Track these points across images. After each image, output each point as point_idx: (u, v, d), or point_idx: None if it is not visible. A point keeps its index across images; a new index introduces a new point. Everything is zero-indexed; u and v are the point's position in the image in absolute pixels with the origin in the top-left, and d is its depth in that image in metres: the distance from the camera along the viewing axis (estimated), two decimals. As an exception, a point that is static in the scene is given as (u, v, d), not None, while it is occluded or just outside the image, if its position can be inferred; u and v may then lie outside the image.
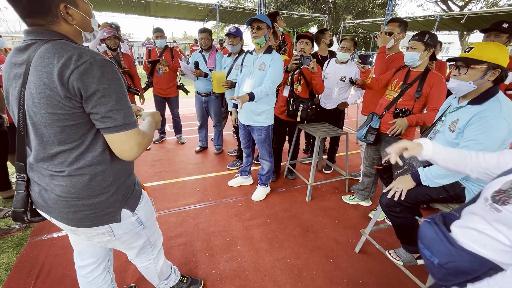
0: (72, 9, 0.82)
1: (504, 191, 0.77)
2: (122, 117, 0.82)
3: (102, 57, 0.80)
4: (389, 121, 2.11)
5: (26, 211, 0.95)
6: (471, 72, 1.32)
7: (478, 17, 11.03)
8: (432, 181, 1.43)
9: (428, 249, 0.91)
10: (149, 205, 1.16)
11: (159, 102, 3.82)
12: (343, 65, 2.89)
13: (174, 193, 2.73)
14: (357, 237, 2.16)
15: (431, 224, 0.95)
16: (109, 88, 0.79)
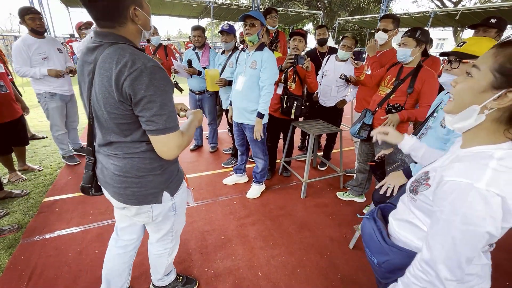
0: (139, 10, 0.92)
1: (417, 181, 0.78)
2: (164, 122, 0.91)
3: (153, 63, 0.87)
4: (381, 117, 2.12)
5: (91, 187, 1.16)
6: (463, 67, 1.32)
7: (472, 13, 11.09)
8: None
9: (368, 248, 0.88)
10: (185, 194, 1.26)
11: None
12: (343, 63, 2.86)
13: (168, 192, 2.71)
14: (351, 233, 2.17)
15: (370, 220, 0.92)
16: (155, 94, 0.87)
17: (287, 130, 2.95)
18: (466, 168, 0.64)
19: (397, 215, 0.88)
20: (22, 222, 2.19)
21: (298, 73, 2.65)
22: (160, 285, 1.57)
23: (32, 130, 4.16)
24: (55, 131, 3.02)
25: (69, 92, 3.03)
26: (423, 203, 0.75)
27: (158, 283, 1.57)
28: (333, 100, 2.98)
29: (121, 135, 0.97)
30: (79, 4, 12.75)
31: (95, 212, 2.35)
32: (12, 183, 2.76)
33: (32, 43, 2.66)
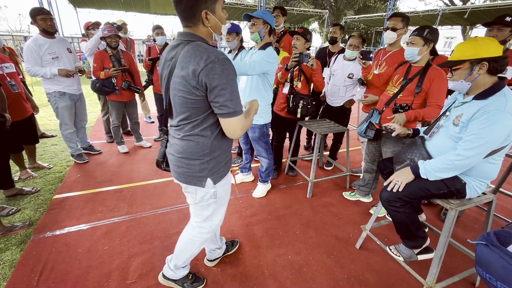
0: (210, 15, 1.07)
1: None
2: (234, 106, 1.06)
3: (223, 56, 1.03)
4: (388, 116, 2.11)
5: (163, 161, 1.36)
6: (457, 72, 1.38)
7: (481, 11, 10.88)
8: (431, 174, 1.43)
9: (504, 282, 0.80)
10: (228, 187, 1.39)
11: (159, 100, 3.82)
12: (351, 62, 2.84)
13: (175, 190, 2.74)
14: (357, 233, 2.16)
15: (493, 249, 0.85)
16: (227, 83, 1.02)
17: (293, 130, 2.95)
18: None
19: None
20: (33, 218, 2.24)
21: (304, 72, 2.64)
22: (171, 277, 1.60)
23: (42, 128, 4.23)
24: (64, 129, 3.07)
25: (78, 91, 3.08)
26: None
27: (169, 274, 1.59)
28: (340, 100, 2.97)
29: (187, 117, 1.13)
30: (87, 4, 12.93)
31: (104, 209, 2.38)
32: (22, 181, 2.82)
33: (43, 43, 2.71)
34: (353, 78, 2.83)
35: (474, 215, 2.51)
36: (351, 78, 2.84)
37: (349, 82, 2.86)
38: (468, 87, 1.38)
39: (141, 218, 2.28)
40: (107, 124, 3.88)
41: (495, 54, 1.30)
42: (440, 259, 1.49)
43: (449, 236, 1.48)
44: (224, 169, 1.30)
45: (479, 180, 1.44)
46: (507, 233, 0.89)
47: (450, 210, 1.45)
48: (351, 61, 2.84)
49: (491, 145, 1.30)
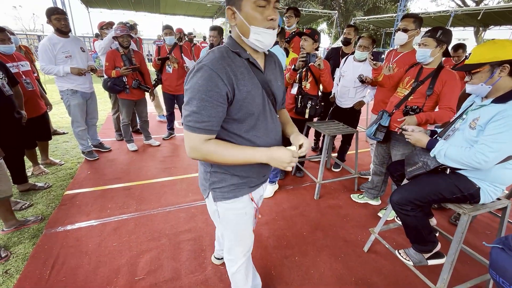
0: (236, 13, 0.90)
1: None
2: (195, 119, 0.89)
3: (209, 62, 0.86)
4: (398, 118, 2.08)
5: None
6: (477, 75, 1.34)
7: (495, 12, 10.61)
8: (442, 157, 1.45)
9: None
10: (237, 217, 1.14)
11: (168, 99, 3.86)
12: (361, 63, 2.81)
13: (183, 189, 2.76)
14: (366, 236, 2.14)
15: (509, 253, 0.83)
16: (195, 91, 0.87)
17: (301, 130, 2.93)
18: None
19: None
20: (45, 213, 2.29)
21: (312, 72, 2.63)
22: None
23: (54, 126, 4.33)
24: (75, 127, 3.13)
25: (89, 89, 3.14)
26: None
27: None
28: (350, 101, 2.94)
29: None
30: (99, 4, 13.16)
31: (113, 206, 2.42)
32: (35, 176, 2.88)
33: (57, 42, 2.77)
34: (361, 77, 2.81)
35: (486, 221, 2.45)
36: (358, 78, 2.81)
37: (359, 84, 2.83)
38: (488, 90, 1.35)
39: (149, 216, 2.31)
40: (117, 122, 3.94)
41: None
42: (451, 265, 1.46)
43: (461, 241, 1.45)
44: (230, 191, 1.08)
45: (494, 186, 1.41)
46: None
47: (463, 215, 1.42)
48: (361, 62, 2.81)
49: (508, 150, 1.27)
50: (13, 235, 2.03)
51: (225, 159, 0.94)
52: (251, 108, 0.95)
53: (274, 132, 1.08)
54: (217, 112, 0.88)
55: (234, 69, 0.89)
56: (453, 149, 1.41)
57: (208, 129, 0.90)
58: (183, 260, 1.86)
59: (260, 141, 1.03)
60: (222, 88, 0.86)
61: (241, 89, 0.90)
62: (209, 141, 0.93)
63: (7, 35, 2.48)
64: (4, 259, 1.79)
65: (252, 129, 1.00)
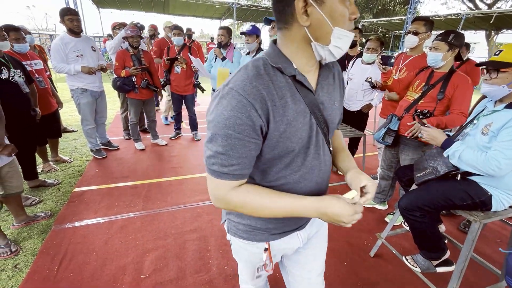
0: (313, 6, 0.60)
1: None
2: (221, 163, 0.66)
3: (231, 86, 0.63)
4: (408, 123, 2.05)
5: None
6: (503, 75, 1.27)
7: (508, 15, 10.43)
8: (455, 158, 1.41)
9: None
10: (251, 256, 0.92)
11: (176, 99, 3.89)
12: (369, 65, 2.80)
13: (189, 188, 2.78)
14: (372, 241, 2.11)
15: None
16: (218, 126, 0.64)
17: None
18: None
19: None
20: (54, 209, 2.33)
21: None
22: None
23: (64, 124, 4.40)
24: (85, 125, 3.19)
25: (99, 88, 3.19)
26: None
27: None
28: (358, 104, 2.92)
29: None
30: (109, 5, 13.37)
31: (120, 204, 2.45)
32: (45, 173, 2.94)
33: (69, 41, 2.83)
34: (371, 81, 2.78)
35: (496, 229, 2.40)
36: (369, 82, 2.79)
37: (367, 86, 2.81)
38: (506, 93, 1.31)
39: (155, 215, 2.33)
40: (125, 121, 3.99)
41: None
42: (461, 273, 1.43)
43: (472, 249, 1.42)
44: (245, 232, 0.86)
45: (507, 193, 1.37)
46: None
47: (474, 222, 1.40)
48: (369, 65, 2.80)
49: None
50: (23, 230, 2.07)
51: (260, 212, 0.71)
52: (290, 145, 0.69)
53: (318, 172, 0.78)
54: (249, 151, 0.65)
55: (272, 92, 0.64)
56: (469, 152, 1.37)
57: (238, 173, 0.68)
58: (188, 259, 1.87)
59: (294, 185, 0.76)
60: (256, 120, 0.62)
61: (279, 120, 0.65)
62: (238, 188, 0.70)
63: (21, 34, 2.54)
64: (14, 254, 1.83)
65: (285, 168, 0.74)
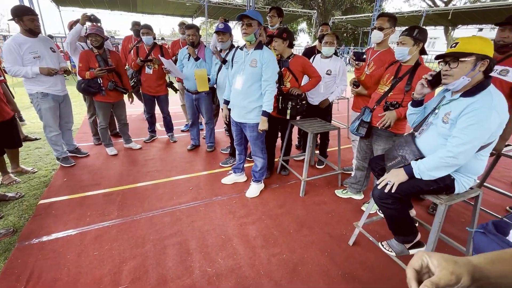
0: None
1: None
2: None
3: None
4: (379, 114, 2.14)
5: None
6: (462, 65, 1.35)
7: (463, 12, 11.27)
8: (425, 174, 1.46)
9: None
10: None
11: (148, 100, 3.75)
12: (328, 59, 2.94)
13: (167, 192, 2.70)
14: (350, 230, 2.19)
15: (490, 236, 0.89)
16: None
17: (285, 129, 2.95)
18: None
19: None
20: (17, 225, 2.15)
21: (291, 71, 2.65)
22: None
23: (25, 131, 4.07)
24: (48, 132, 2.97)
25: (62, 92, 2.98)
26: None
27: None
28: (321, 97, 3.01)
29: None
30: (70, 3, 12.53)
31: (93, 214, 2.31)
32: (5, 186, 2.70)
33: (23, 41, 2.60)
34: (331, 74, 2.89)
35: (460, 210, 2.59)
36: (329, 75, 2.90)
37: (328, 79, 2.93)
38: (466, 83, 1.38)
39: (132, 222, 2.23)
40: (94, 126, 3.77)
41: (492, 54, 1.34)
42: (431, 253, 1.52)
43: (439, 230, 1.52)
44: None
45: (467, 176, 1.48)
46: (506, 223, 0.92)
47: (440, 205, 1.49)
48: (328, 58, 2.93)
49: (480, 141, 1.34)
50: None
51: None
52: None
53: None
54: None
55: None
56: (429, 160, 1.45)
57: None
58: (169, 265, 1.81)
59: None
60: None
61: None
62: None
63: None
64: (-29, 277, 1.66)
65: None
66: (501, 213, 2.48)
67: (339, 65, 2.90)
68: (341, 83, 2.97)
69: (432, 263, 0.53)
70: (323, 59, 2.97)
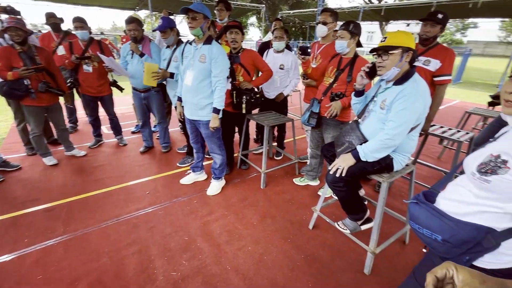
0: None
1: (487, 163, 0.84)
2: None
3: None
4: (326, 104, 2.29)
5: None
6: (392, 57, 1.52)
7: (394, 9, 12.59)
8: (369, 156, 1.62)
9: (427, 228, 0.95)
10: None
11: (90, 102, 3.40)
12: (280, 54, 3.00)
13: (121, 199, 2.51)
14: (309, 215, 2.32)
15: (421, 204, 1.00)
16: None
17: (241, 124, 2.97)
18: None
19: (451, 195, 0.96)
20: None
21: (243, 65, 2.66)
22: None
23: None
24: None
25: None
26: (502, 183, 0.80)
27: None
28: (276, 91, 3.09)
29: None
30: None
31: (32, 233, 2.04)
32: None
33: None
34: (284, 68, 2.99)
35: (400, 185, 2.94)
36: (282, 69, 2.99)
37: (282, 73, 3.02)
38: (397, 73, 1.55)
39: (82, 236, 2.03)
40: (24, 134, 3.29)
41: (414, 46, 1.53)
42: (379, 226, 1.71)
43: (384, 205, 1.70)
44: None
45: (403, 154, 1.69)
46: (432, 192, 1.07)
47: (383, 182, 1.67)
48: (280, 53, 3.01)
49: (410, 123, 1.53)
50: None
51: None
52: None
53: None
54: None
55: None
56: (371, 143, 1.61)
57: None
58: (129, 276, 1.70)
59: None
60: None
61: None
62: None
63: None
64: None
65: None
66: (431, 184, 2.88)
67: (291, 59, 2.99)
68: (294, 77, 3.07)
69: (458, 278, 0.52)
70: (275, 54, 3.02)
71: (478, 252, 0.86)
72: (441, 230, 0.91)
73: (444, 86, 2.31)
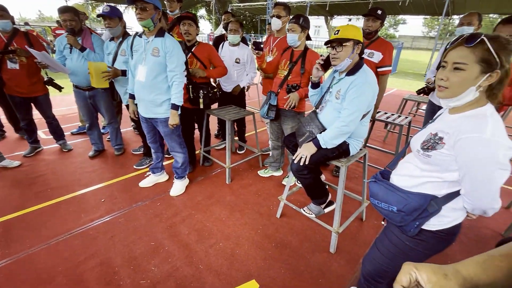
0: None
1: (428, 141, 1.01)
2: None
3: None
4: (283, 97, 2.36)
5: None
6: (345, 49, 1.63)
7: (338, 4, 13.41)
8: (329, 143, 1.73)
9: (385, 202, 1.11)
10: None
11: (20, 104, 2.93)
12: (236, 47, 2.98)
13: (71, 211, 2.26)
14: (276, 205, 2.40)
15: (379, 182, 1.16)
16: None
17: (201, 120, 2.89)
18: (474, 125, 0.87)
19: (401, 172, 1.14)
20: None
21: (199, 58, 2.58)
22: None
23: None
24: None
25: None
26: (439, 156, 0.96)
27: None
28: (234, 85, 3.07)
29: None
30: None
31: (-41, 263, 1.72)
32: None
33: None
34: (240, 62, 2.99)
35: (355, 168, 3.21)
36: (238, 63, 2.99)
37: (238, 67, 3.01)
38: (349, 63, 1.67)
39: (27, 257, 1.78)
40: None
41: (362, 39, 1.66)
42: (340, 207, 1.85)
43: (343, 188, 1.84)
44: None
45: (357, 140, 1.84)
46: (388, 171, 1.25)
47: (342, 167, 1.81)
48: (236, 46, 2.99)
49: (362, 110, 1.67)
50: None
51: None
52: None
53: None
54: None
55: None
56: (329, 131, 1.72)
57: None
58: (91, 293, 1.56)
59: None
60: None
61: None
62: None
63: None
64: None
65: None
66: (381, 165, 3.20)
67: (247, 53, 2.98)
68: (250, 71, 3.07)
69: (422, 278, 0.52)
70: (231, 47, 2.98)
71: (425, 217, 1.02)
72: (396, 201, 1.07)
73: (386, 76, 2.56)
